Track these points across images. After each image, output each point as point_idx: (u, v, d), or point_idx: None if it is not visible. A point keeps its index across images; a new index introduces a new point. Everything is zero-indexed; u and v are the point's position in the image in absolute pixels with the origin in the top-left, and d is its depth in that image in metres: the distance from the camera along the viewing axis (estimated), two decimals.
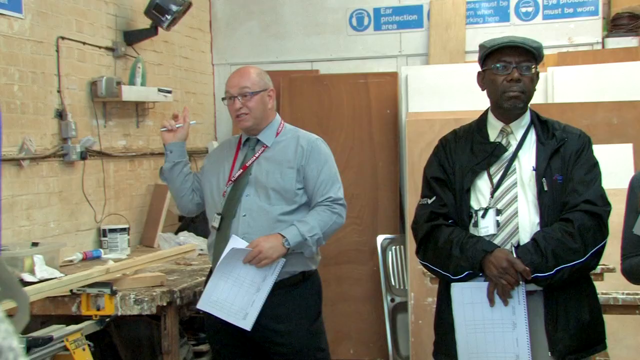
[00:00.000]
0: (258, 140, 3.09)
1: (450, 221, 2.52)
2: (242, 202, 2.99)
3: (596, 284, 2.63)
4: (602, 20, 5.56)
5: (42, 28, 4.01)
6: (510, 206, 2.45)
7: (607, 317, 2.65)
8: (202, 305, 2.97)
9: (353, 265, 5.41)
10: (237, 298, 2.90)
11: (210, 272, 3.06)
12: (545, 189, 2.43)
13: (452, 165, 2.57)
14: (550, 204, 2.42)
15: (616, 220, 2.55)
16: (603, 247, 2.44)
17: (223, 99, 3.10)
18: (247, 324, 2.90)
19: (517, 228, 2.43)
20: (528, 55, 2.48)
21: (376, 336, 5.32)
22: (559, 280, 2.37)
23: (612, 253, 2.60)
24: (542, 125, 2.56)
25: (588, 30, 5.57)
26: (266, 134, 3.08)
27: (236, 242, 2.91)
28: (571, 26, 5.61)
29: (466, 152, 2.57)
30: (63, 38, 4.17)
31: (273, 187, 2.98)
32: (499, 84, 2.48)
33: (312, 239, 2.93)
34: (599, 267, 2.85)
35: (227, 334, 3.00)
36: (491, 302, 2.40)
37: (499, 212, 2.45)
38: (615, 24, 5.50)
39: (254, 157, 3.05)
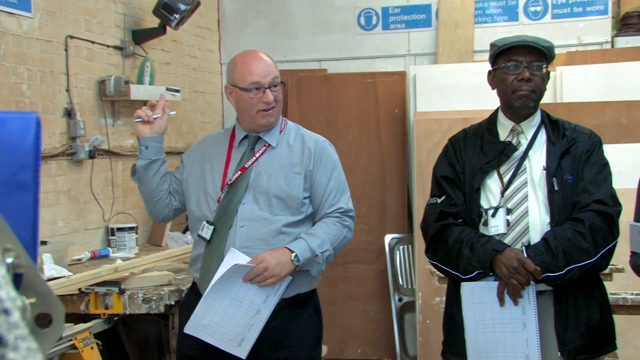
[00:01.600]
0: (259, 138, 2.67)
1: (459, 220, 2.51)
2: (239, 211, 2.58)
3: (605, 284, 2.62)
4: (612, 19, 5.53)
5: (51, 27, 4.01)
6: (520, 205, 2.44)
7: (615, 318, 2.64)
8: (191, 329, 2.54)
9: (361, 264, 5.41)
10: (232, 321, 2.49)
11: (192, 288, 2.71)
12: (556, 188, 2.43)
13: (461, 165, 2.56)
14: (561, 203, 2.42)
15: (626, 220, 2.54)
16: (613, 247, 2.43)
17: (245, 89, 2.59)
18: (242, 352, 2.50)
19: (528, 227, 2.43)
20: (539, 54, 2.47)
21: (384, 336, 5.32)
22: (569, 280, 2.36)
23: (621, 253, 2.59)
24: (553, 124, 2.56)
25: (597, 29, 5.54)
26: (272, 132, 2.68)
27: (236, 257, 2.49)
28: (580, 25, 5.58)
29: (476, 151, 2.56)
30: (72, 37, 4.17)
31: (276, 194, 2.58)
32: (510, 83, 2.48)
33: (322, 255, 2.54)
34: (607, 267, 2.84)
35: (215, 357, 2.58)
36: (501, 301, 2.40)
37: (509, 211, 2.44)
38: (625, 23, 5.47)
39: (254, 158, 2.64)
